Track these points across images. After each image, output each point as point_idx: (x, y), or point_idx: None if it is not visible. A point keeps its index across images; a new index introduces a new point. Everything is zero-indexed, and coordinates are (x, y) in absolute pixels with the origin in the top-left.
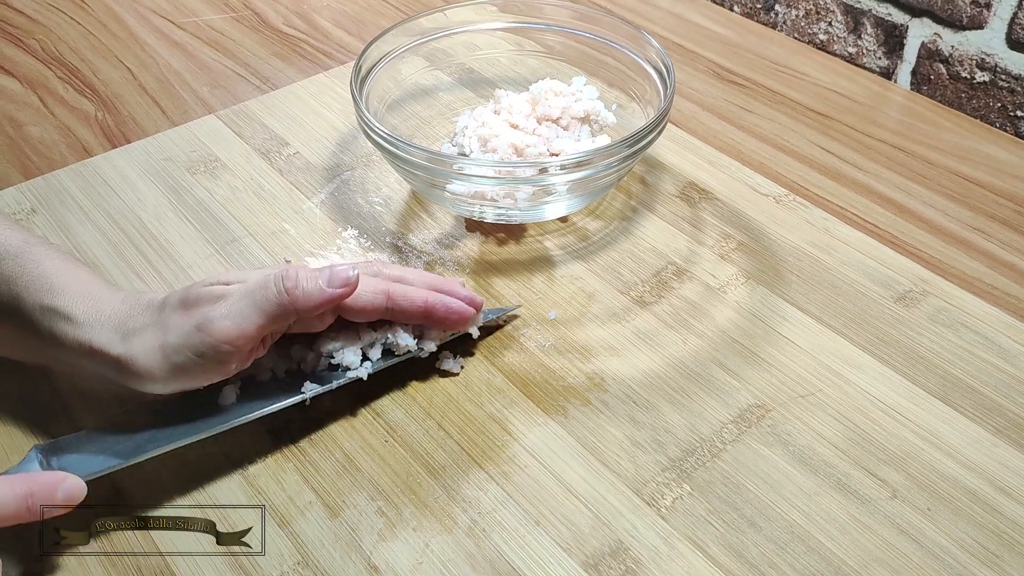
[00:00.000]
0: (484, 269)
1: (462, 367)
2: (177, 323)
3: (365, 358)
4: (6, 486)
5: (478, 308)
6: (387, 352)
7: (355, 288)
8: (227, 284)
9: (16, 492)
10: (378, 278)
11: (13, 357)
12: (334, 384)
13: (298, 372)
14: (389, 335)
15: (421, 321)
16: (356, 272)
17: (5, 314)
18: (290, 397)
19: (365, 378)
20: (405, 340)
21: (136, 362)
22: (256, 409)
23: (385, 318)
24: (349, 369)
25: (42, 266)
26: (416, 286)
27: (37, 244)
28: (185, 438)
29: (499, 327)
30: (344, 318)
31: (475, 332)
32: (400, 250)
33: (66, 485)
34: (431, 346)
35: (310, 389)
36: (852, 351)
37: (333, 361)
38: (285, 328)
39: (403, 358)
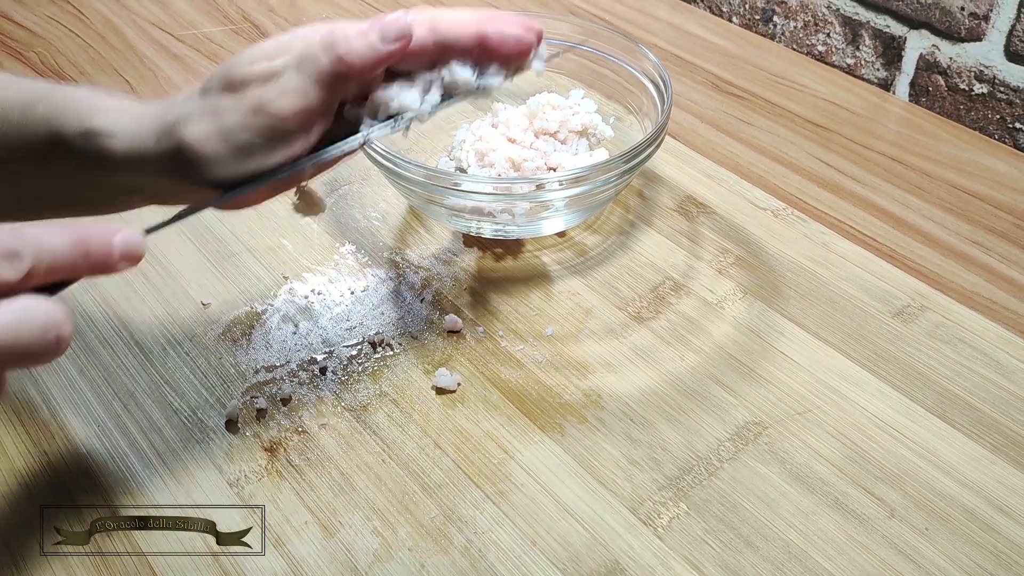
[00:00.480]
0: (482, 284)
1: (459, 384)
2: (229, 107)
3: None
4: (55, 230)
5: (539, 38)
6: (446, 97)
7: (411, 39)
8: (271, 60)
9: (67, 239)
10: (419, 16)
11: (59, 215)
12: (396, 124)
13: (356, 131)
14: (445, 73)
15: (476, 56)
16: (410, 19)
17: (48, 155)
18: (348, 141)
19: (426, 117)
20: (463, 74)
21: (194, 148)
22: (314, 158)
23: (436, 59)
24: (409, 111)
25: (75, 95)
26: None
27: (64, 85)
28: (250, 184)
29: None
30: (392, 69)
31: (540, 67)
32: (397, 265)
33: (124, 235)
34: (495, 81)
35: (369, 128)
36: (850, 367)
37: (391, 111)
38: (345, 91)
39: (464, 98)
